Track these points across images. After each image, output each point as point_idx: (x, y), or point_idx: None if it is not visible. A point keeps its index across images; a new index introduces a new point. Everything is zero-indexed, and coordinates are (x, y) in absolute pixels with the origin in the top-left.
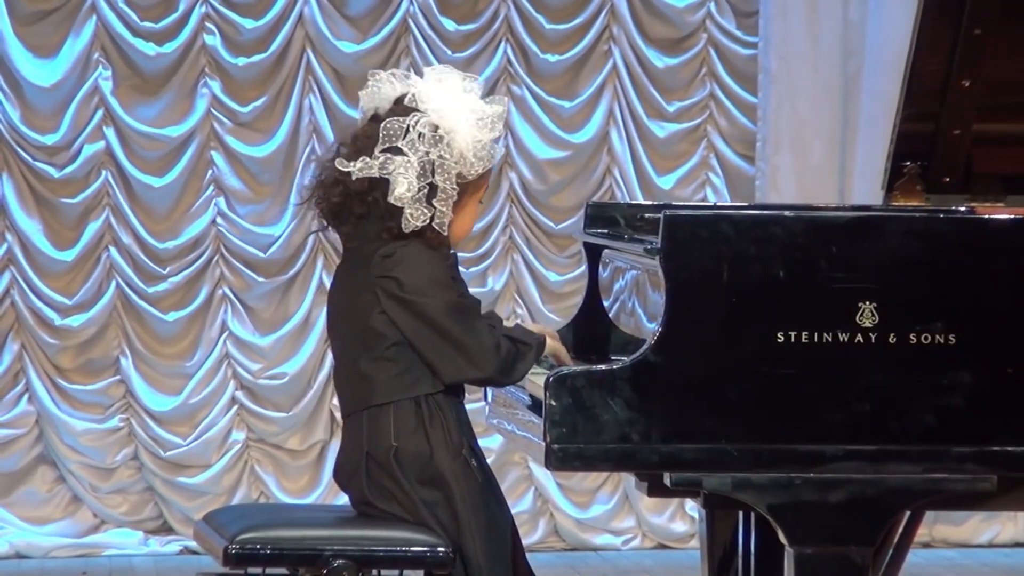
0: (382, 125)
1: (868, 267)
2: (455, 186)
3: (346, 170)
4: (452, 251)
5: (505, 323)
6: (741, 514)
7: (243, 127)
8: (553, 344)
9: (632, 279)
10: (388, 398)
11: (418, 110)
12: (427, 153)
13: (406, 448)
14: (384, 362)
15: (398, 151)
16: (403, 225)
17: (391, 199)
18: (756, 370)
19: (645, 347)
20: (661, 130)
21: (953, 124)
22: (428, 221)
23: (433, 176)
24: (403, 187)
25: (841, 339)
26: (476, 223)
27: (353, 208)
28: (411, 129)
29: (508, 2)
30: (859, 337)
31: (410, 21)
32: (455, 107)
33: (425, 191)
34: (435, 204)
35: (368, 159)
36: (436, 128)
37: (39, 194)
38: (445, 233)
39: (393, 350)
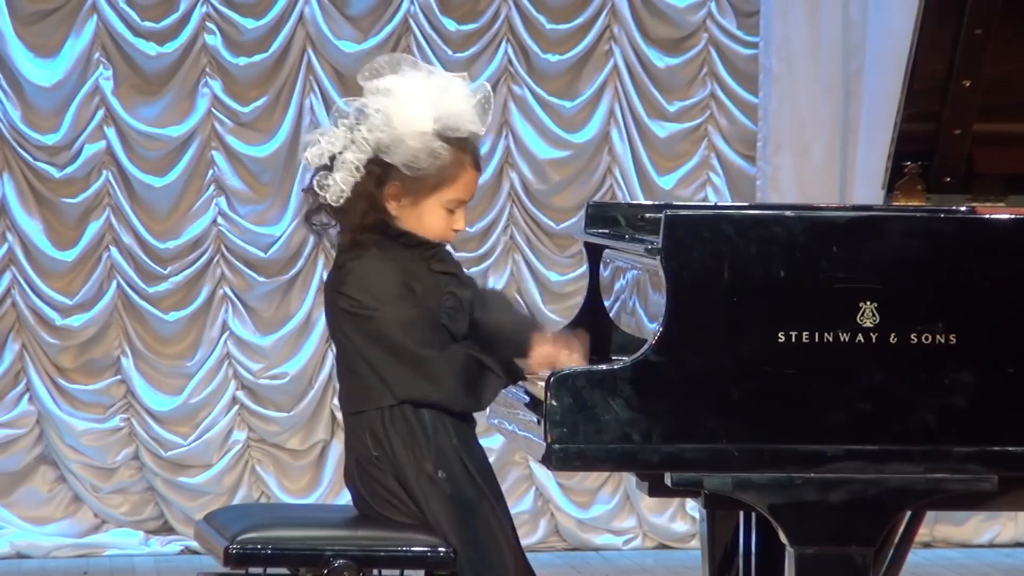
0: (333, 107)
1: (869, 267)
2: (363, 168)
3: (307, 167)
4: (434, 248)
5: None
6: (742, 514)
7: (244, 127)
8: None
9: (633, 279)
10: (359, 407)
11: (374, 93)
12: (360, 130)
13: (382, 458)
14: (352, 372)
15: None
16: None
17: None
18: (757, 370)
19: (646, 347)
20: (662, 130)
21: (954, 124)
22: (325, 192)
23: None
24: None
25: (842, 339)
26: (476, 223)
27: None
28: (360, 110)
29: (509, 2)
30: (860, 337)
31: (411, 21)
32: (408, 91)
33: (343, 166)
34: (335, 177)
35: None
36: (378, 110)
37: (40, 194)
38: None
39: (356, 361)
